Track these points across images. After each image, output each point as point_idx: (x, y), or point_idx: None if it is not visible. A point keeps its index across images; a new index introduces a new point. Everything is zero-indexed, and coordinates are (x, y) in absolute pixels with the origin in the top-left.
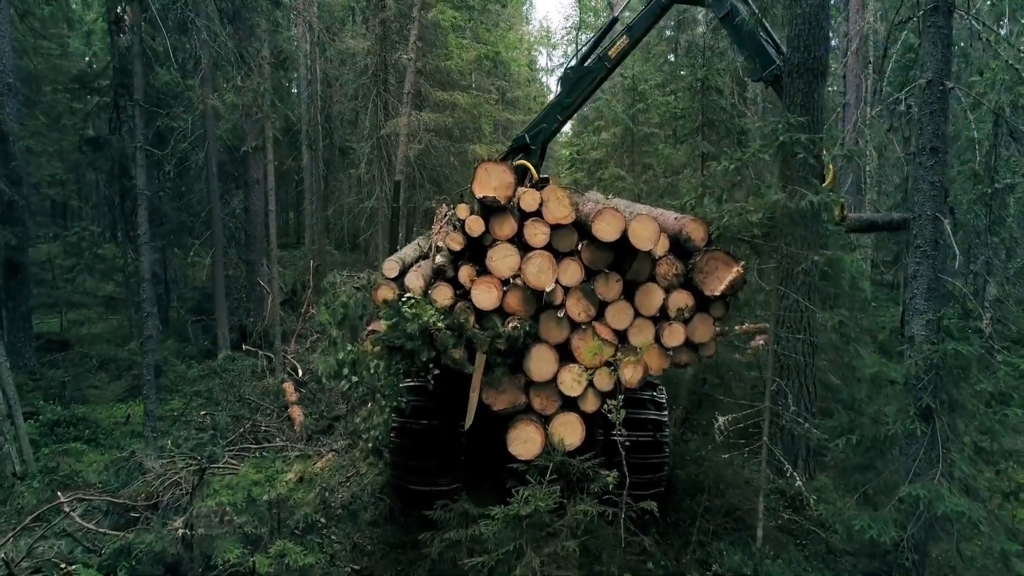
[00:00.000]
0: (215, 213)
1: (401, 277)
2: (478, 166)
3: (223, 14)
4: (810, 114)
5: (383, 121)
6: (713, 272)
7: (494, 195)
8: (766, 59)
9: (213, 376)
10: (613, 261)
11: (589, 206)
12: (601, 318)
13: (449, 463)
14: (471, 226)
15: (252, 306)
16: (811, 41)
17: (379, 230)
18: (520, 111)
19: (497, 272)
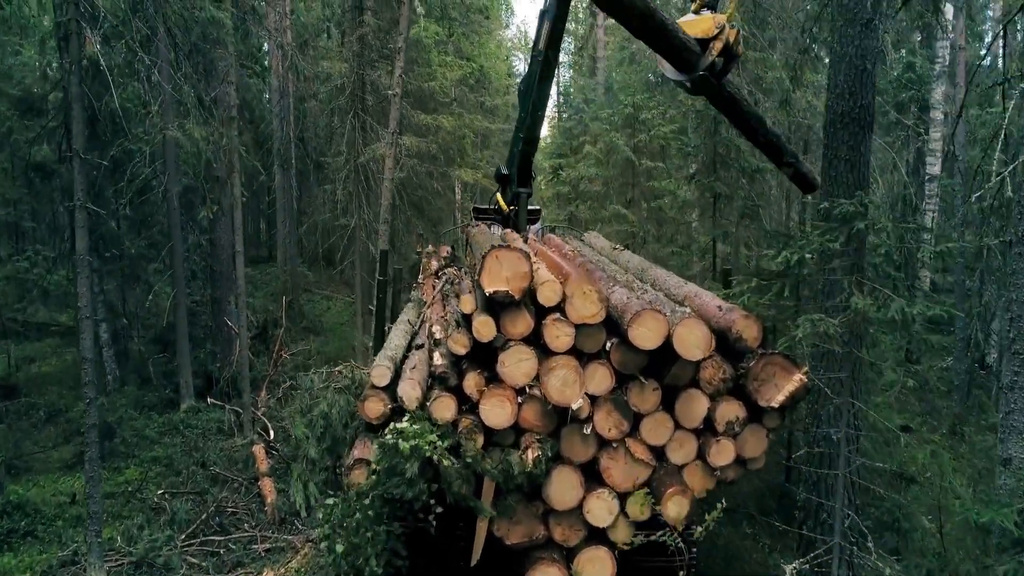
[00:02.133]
0: (176, 249)
1: (393, 384)
2: (487, 255)
3: (178, 50)
4: (856, 170)
5: (362, 146)
6: (770, 380)
7: (507, 289)
8: None
9: (175, 432)
10: (648, 362)
11: (617, 295)
12: (635, 432)
13: None
14: (480, 330)
15: (219, 349)
16: (858, 88)
17: (357, 260)
18: (499, 119)
19: (510, 380)
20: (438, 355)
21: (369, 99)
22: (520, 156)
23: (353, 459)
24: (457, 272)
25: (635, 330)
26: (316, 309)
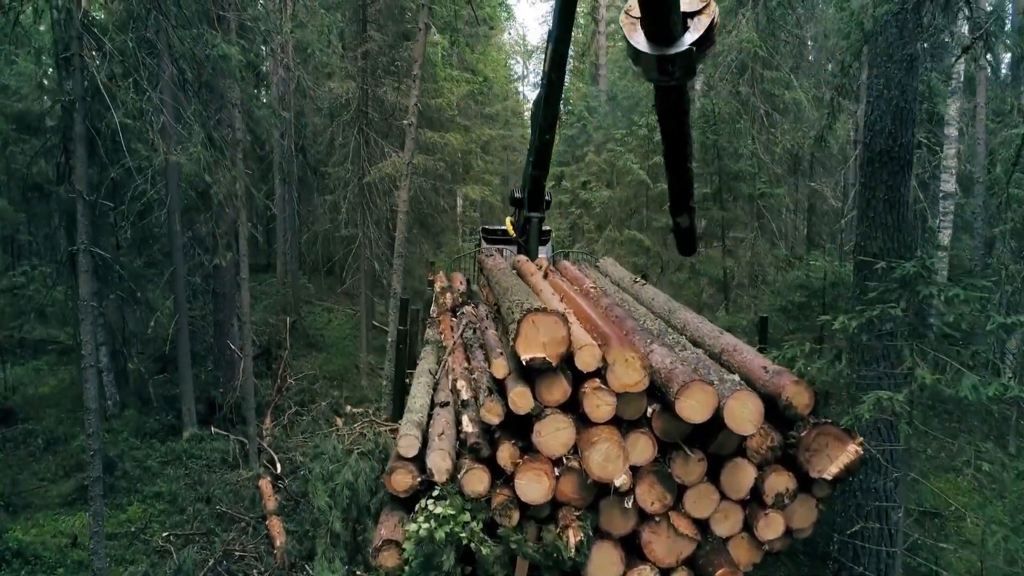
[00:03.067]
0: (178, 272)
1: (421, 454)
2: (522, 319)
3: (187, 87)
4: (896, 211)
5: (367, 163)
6: (822, 450)
7: (544, 355)
8: None
9: (178, 463)
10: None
11: (657, 356)
12: (678, 504)
13: None
14: (518, 402)
15: (221, 373)
16: (898, 127)
17: (362, 279)
18: (498, 124)
19: (546, 450)
20: (467, 420)
21: (374, 115)
22: (531, 181)
23: (382, 540)
24: (475, 312)
25: (683, 402)
26: (317, 322)
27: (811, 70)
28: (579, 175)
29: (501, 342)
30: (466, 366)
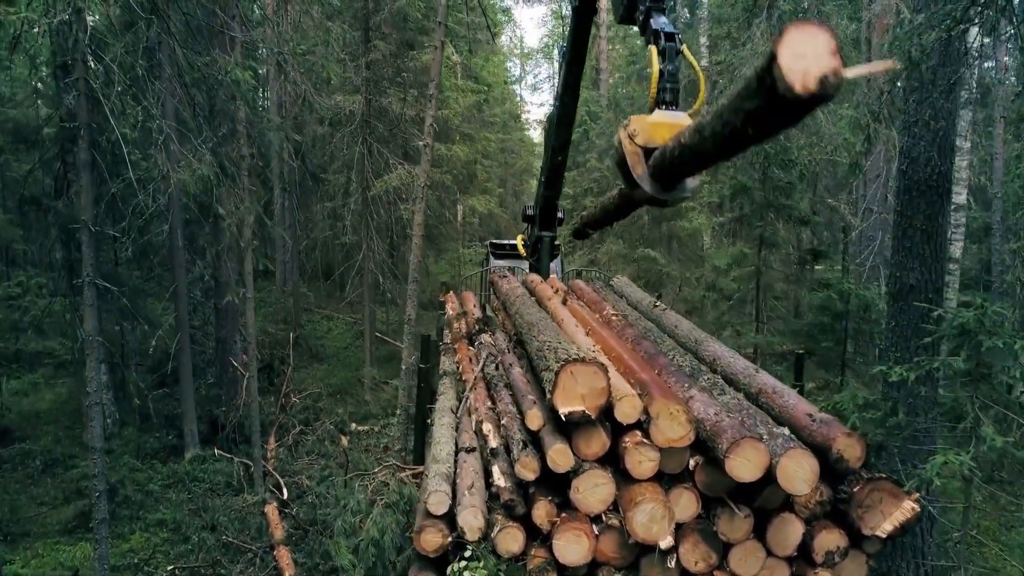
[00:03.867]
0: (180, 288)
1: (451, 510)
2: (560, 370)
3: (197, 112)
4: (934, 241)
5: (371, 176)
6: (875, 506)
7: (583, 408)
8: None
9: (180, 486)
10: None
11: (698, 404)
12: (723, 563)
13: None
14: (557, 461)
15: (223, 391)
16: (936, 155)
17: (365, 291)
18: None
19: (584, 507)
20: (499, 472)
21: (378, 125)
22: (543, 200)
23: None
24: (493, 340)
25: (733, 461)
26: (317, 330)
27: None
28: (580, 181)
29: (529, 385)
30: (490, 406)
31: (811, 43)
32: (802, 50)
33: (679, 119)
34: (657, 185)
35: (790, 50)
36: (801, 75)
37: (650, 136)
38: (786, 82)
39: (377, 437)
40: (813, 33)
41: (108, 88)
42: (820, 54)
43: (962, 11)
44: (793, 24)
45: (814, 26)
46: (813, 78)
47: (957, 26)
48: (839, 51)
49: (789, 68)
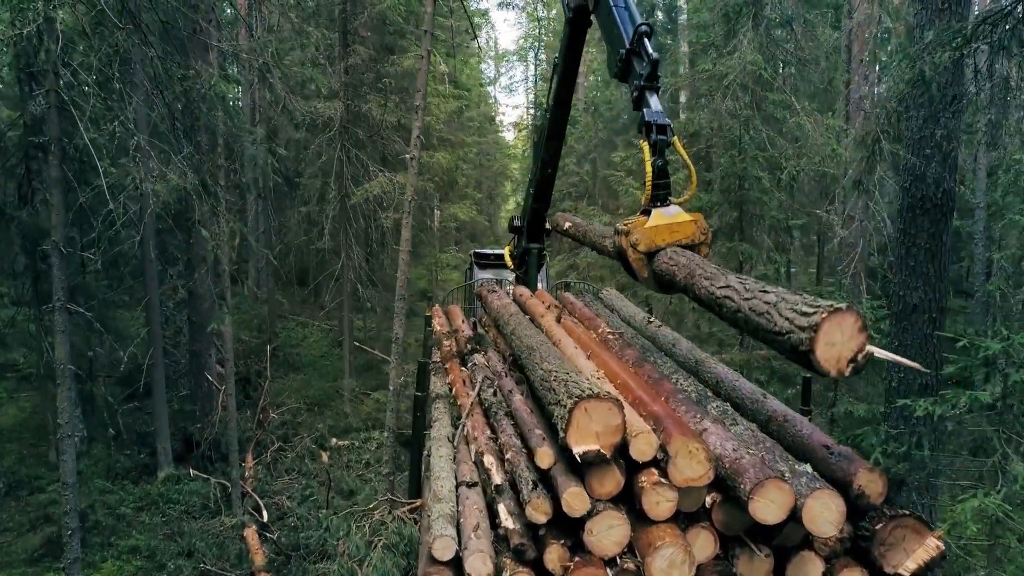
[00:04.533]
0: (152, 302)
1: (457, 555)
2: (574, 407)
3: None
4: (937, 260)
5: (350, 183)
6: (898, 543)
7: (598, 447)
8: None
9: (154, 508)
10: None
11: (714, 438)
12: None
13: None
14: (572, 505)
15: (198, 407)
16: (941, 172)
17: (344, 301)
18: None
19: (598, 550)
20: (505, 512)
21: (356, 131)
22: (531, 212)
23: None
24: (487, 361)
25: (757, 503)
26: (292, 338)
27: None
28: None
29: (533, 415)
30: (490, 435)
31: (840, 329)
32: (833, 338)
33: (675, 216)
34: (659, 287)
35: (825, 339)
36: (835, 362)
37: (652, 242)
38: (822, 369)
39: (358, 452)
40: (842, 320)
41: (81, 99)
42: (849, 336)
43: (972, 28)
44: (825, 317)
45: (844, 313)
46: (846, 362)
47: (967, 44)
48: (865, 327)
49: (824, 358)
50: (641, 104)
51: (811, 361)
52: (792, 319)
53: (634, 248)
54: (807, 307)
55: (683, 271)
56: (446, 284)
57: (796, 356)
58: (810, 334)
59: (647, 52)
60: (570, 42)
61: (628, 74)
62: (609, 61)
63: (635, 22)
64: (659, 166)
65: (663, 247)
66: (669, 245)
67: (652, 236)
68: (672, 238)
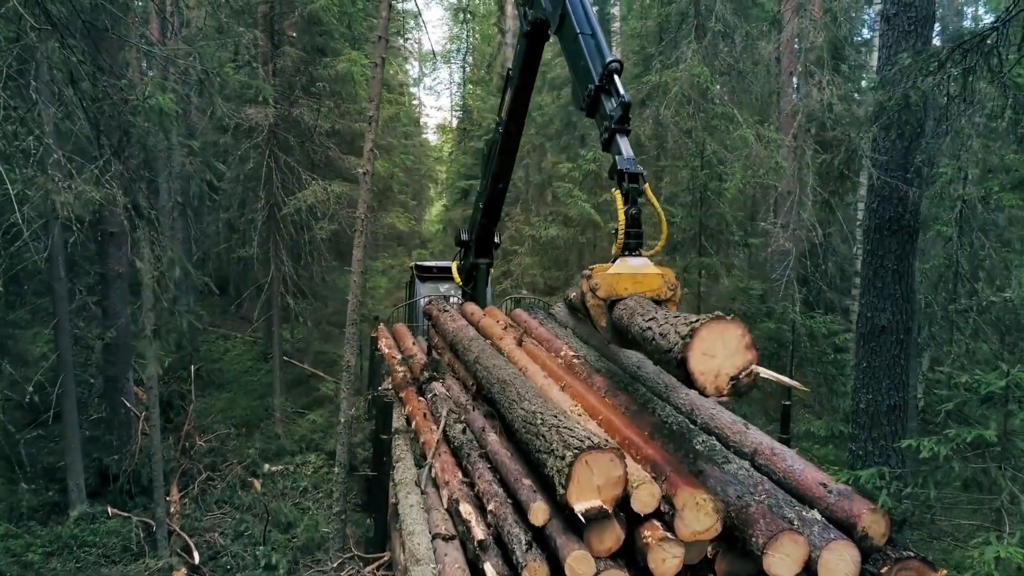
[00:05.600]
0: (62, 324)
1: None
2: (575, 461)
3: (101, 147)
4: (904, 282)
5: (280, 192)
6: None
7: (601, 504)
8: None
9: (66, 553)
10: None
11: (713, 483)
12: None
13: None
14: (577, 569)
15: (115, 436)
16: (907, 193)
17: (275, 315)
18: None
19: None
20: (493, 571)
21: (289, 137)
22: (480, 227)
23: None
24: (447, 389)
25: (771, 557)
26: (213, 352)
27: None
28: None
29: (513, 459)
30: (463, 479)
31: (721, 341)
32: (712, 348)
33: (640, 267)
34: (617, 339)
35: (701, 348)
36: (713, 376)
37: (612, 289)
38: (697, 384)
39: (294, 478)
40: (724, 329)
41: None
42: (732, 351)
43: (947, 54)
44: (702, 324)
45: (726, 323)
46: (726, 379)
47: (942, 69)
48: (753, 345)
49: (699, 371)
50: (612, 148)
51: (686, 372)
52: (680, 331)
53: (593, 292)
54: (688, 322)
55: (628, 312)
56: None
57: (675, 369)
58: (686, 341)
59: (618, 92)
60: (526, 56)
61: (595, 112)
62: (574, 92)
63: (604, 57)
64: (632, 215)
65: (624, 297)
66: (629, 298)
67: (612, 283)
68: (635, 288)
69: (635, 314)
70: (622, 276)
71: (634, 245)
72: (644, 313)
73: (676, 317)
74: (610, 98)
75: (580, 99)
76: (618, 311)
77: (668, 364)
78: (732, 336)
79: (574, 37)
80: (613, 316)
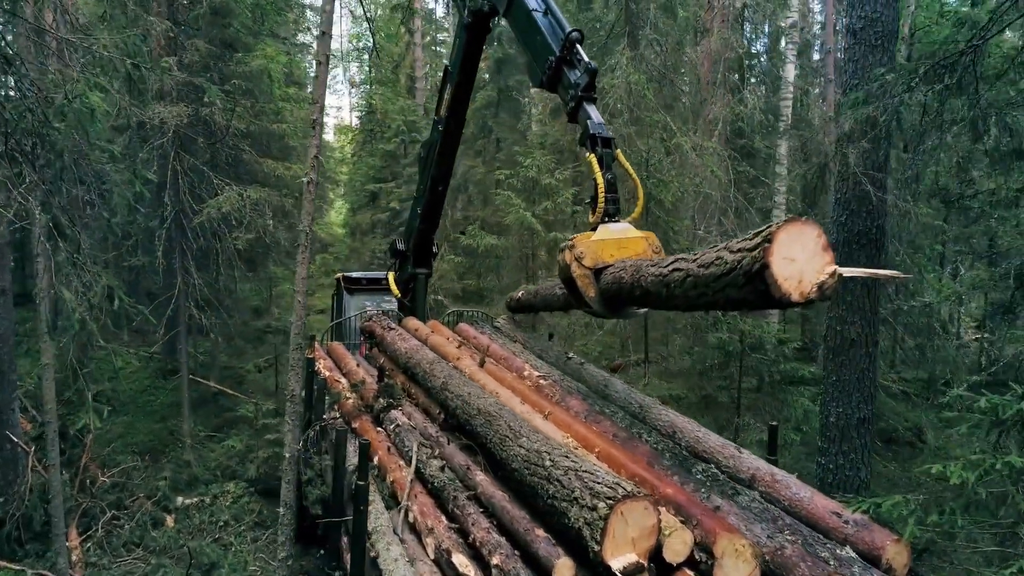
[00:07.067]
0: None
1: None
2: (610, 513)
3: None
4: (872, 294)
5: (187, 197)
6: None
7: (637, 558)
8: (550, 51)
9: None
10: None
11: (735, 520)
12: None
13: None
14: None
15: (0, 476)
16: (875, 206)
17: (182, 332)
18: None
19: None
20: None
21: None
22: (418, 234)
23: None
24: (409, 419)
25: None
26: (103, 371)
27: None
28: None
29: (513, 503)
30: (449, 525)
31: (800, 243)
32: (792, 252)
33: (624, 232)
34: (608, 307)
35: (781, 253)
36: (797, 283)
37: (598, 256)
38: (781, 291)
39: (211, 511)
40: (801, 231)
41: None
42: (811, 253)
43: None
44: (779, 227)
45: (802, 224)
46: (811, 284)
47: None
48: (830, 245)
49: (783, 276)
50: (580, 115)
51: (767, 283)
52: (741, 247)
53: (579, 262)
54: (755, 233)
55: (629, 270)
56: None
57: (751, 284)
58: (763, 247)
59: (582, 60)
60: (467, 49)
61: (557, 84)
62: (530, 70)
63: (564, 28)
64: (608, 180)
65: (610, 264)
66: (617, 263)
67: (598, 250)
68: (620, 254)
69: (641, 268)
70: (606, 242)
71: (612, 211)
72: (655, 263)
73: (712, 247)
74: (573, 68)
75: (538, 74)
76: (614, 274)
77: (733, 280)
78: (810, 237)
79: (526, 15)
80: (605, 282)
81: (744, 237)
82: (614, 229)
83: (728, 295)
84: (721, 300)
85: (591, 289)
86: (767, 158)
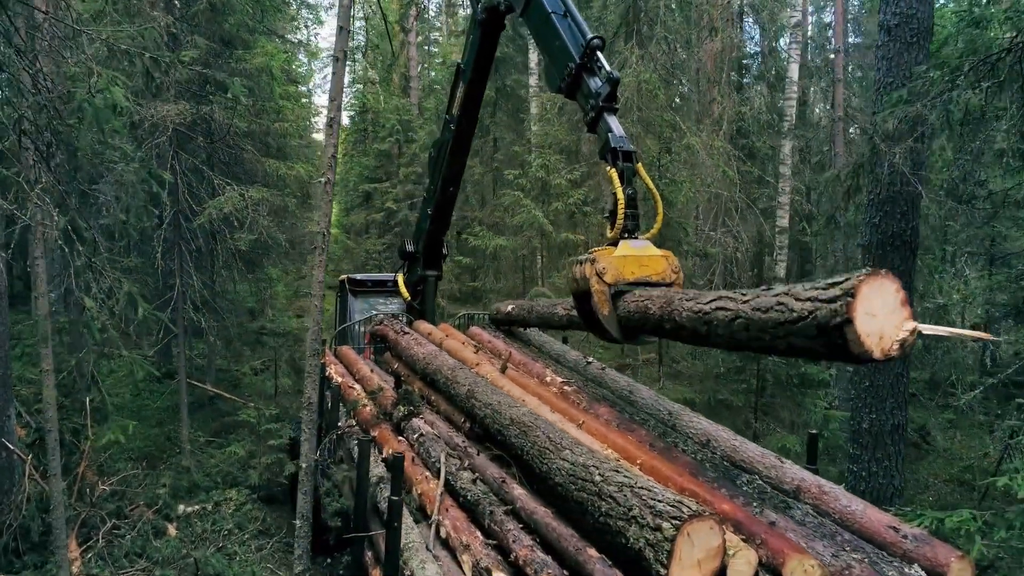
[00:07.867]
0: None
1: None
2: (677, 534)
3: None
4: None
5: (188, 202)
6: None
7: None
8: (569, 57)
9: None
10: None
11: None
12: None
13: None
14: None
15: None
16: (909, 208)
17: (180, 336)
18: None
19: None
20: None
21: (199, 138)
22: (427, 235)
23: None
24: (433, 428)
25: None
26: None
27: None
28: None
29: (558, 520)
30: (485, 541)
31: (880, 297)
32: (873, 307)
33: (644, 249)
34: (624, 333)
35: (864, 308)
36: (878, 339)
37: (619, 273)
38: (863, 347)
39: (213, 518)
40: (882, 285)
41: None
42: (891, 309)
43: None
44: (861, 280)
45: (883, 278)
46: (892, 341)
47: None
48: (908, 301)
49: (866, 333)
50: (600, 127)
51: (848, 339)
52: (815, 296)
53: (599, 277)
54: (828, 283)
55: (658, 302)
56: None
57: (826, 338)
58: (844, 301)
59: (604, 69)
60: (480, 47)
61: (576, 91)
62: (548, 74)
63: (584, 34)
64: (629, 195)
65: (629, 282)
66: (637, 281)
67: (620, 267)
68: (641, 272)
69: (673, 301)
70: (628, 259)
71: (632, 227)
72: (691, 298)
73: (765, 289)
74: (594, 76)
75: (556, 81)
76: (636, 305)
77: (802, 331)
78: (889, 292)
79: (545, 18)
80: (626, 309)
81: (813, 285)
82: (635, 246)
83: (792, 343)
84: (781, 347)
85: (606, 307)
86: (765, 158)
